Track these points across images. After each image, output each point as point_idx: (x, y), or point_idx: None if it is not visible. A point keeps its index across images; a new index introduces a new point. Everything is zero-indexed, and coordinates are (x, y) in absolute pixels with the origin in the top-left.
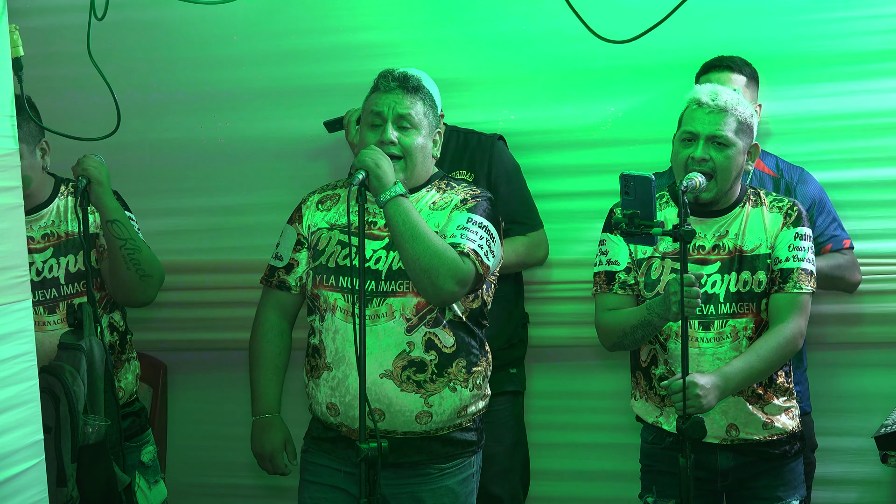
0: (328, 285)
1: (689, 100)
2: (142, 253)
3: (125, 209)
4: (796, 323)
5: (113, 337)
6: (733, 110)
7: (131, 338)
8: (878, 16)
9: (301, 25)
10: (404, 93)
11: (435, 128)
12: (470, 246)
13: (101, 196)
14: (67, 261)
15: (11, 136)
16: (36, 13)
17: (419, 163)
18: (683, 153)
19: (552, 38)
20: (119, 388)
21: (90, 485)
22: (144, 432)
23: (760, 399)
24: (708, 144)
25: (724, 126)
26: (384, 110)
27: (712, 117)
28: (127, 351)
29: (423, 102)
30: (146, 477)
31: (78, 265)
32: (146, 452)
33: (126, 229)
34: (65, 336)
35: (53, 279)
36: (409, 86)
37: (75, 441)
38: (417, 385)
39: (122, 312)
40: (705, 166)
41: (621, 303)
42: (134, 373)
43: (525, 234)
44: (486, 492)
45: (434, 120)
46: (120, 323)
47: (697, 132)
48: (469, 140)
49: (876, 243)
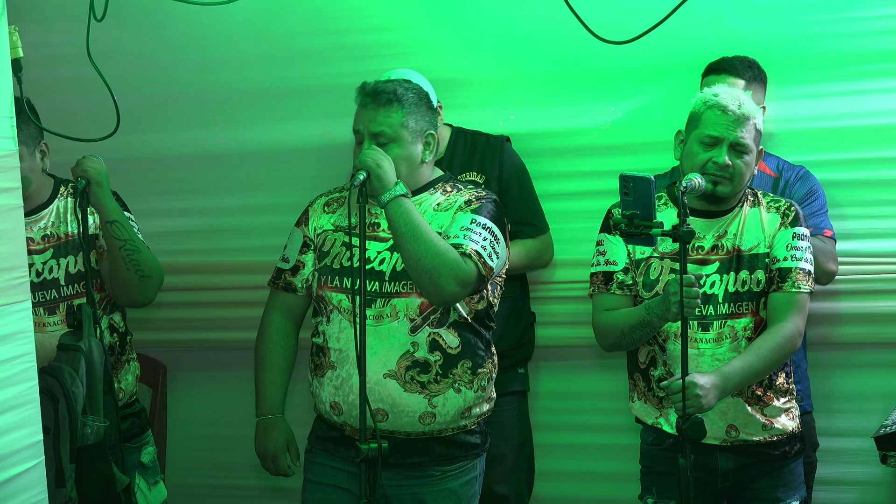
0: (332, 286)
1: (710, 103)
2: (141, 254)
3: (124, 210)
4: (794, 322)
5: (113, 338)
6: (753, 118)
7: (131, 339)
8: (880, 16)
9: (301, 26)
10: (377, 107)
11: (424, 130)
12: (472, 247)
13: (101, 197)
14: (67, 262)
15: (11, 138)
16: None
17: (406, 173)
18: (703, 156)
19: (553, 39)
20: (119, 388)
21: (89, 486)
22: (144, 433)
23: (760, 401)
24: (730, 150)
25: (745, 133)
26: (360, 128)
27: (737, 124)
28: (127, 352)
29: (401, 111)
30: (146, 478)
31: (78, 266)
32: (146, 453)
33: (125, 230)
34: (64, 337)
35: (53, 280)
36: (381, 101)
37: (74, 442)
38: (421, 385)
39: (122, 314)
40: (727, 172)
41: (619, 303)
42: (134, 374)
43: (535, 236)
44: (492, 491)
45: (420, 123)
46: (120, 324)
47: (722, 137)
48: (478, 141)
49: (879, 242)
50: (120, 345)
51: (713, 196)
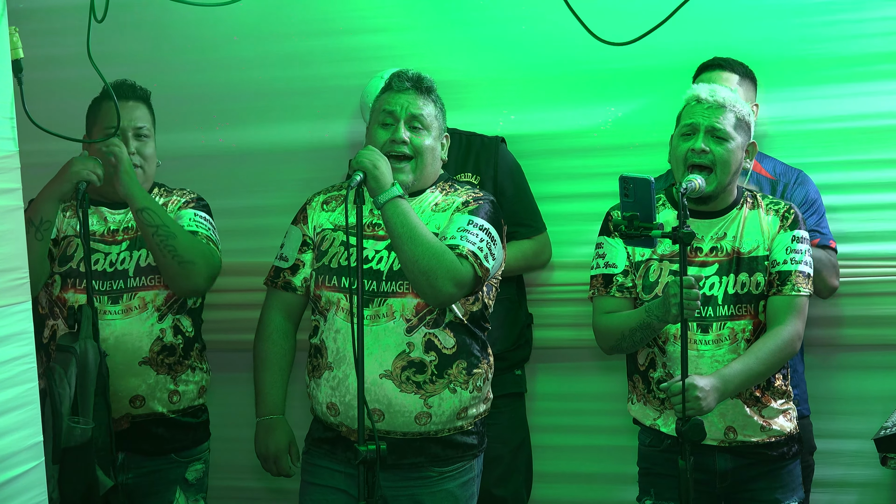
0: (330, 286)
1: (688, 98)
2: (178, 238)
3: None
4: (794, 325)
5: (176, 339)
6: (731, 107)
7: (199, 347)
8: (875, 19)
9: (301, 27)
10: (417, 93)
11: (443, 131)
12: (469, 248)
13: (129, 185)
14: (139, 255)
15: (12, 139)
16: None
17: (429, 164)
18: (683, 146)
19: (552, 40)
20: (175, 391)
21: (70, 487)
22: (197, 447)
23: (758, 402)
24: (707, 137)
25: (723, 120)
26: (396, 109)
27: (711, 111)
28: (192, 359)
29: (435, 105)
30: (187, 494)
31: (149, 260)
32: (192, 470)
33: (157, 216)
34: (62, 338)
35: (123, 271)
36: (423, 87)
37: (57, 442)
38: (417, 386)
39: (192, 319)
40: (705, 158)
41: (619, 306)
42: (197, 384)
43: (531, 237)
44: (490, 493)
45: (443, 123)
46: (188, 329)
47: (697, 124)
48: (472, 142)
49: (877, 245)
50: (184, 348)
51: (702, 195)
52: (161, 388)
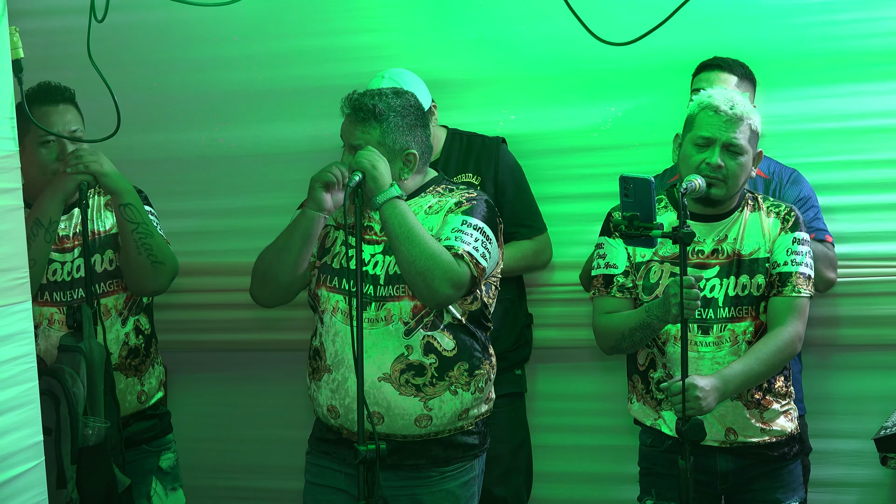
0: (330, 286)
1: (704, 104)
2: (154, 238)
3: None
4: (794, 327)
5: (139, 340)
6: (748, 118)
7: (156, 342)
8: (872, 18)
9: (301, 27)
10: (356, 123)
11: (403, 149)
12: (465, 248)
13: (114, 182)
14: (95, 260)
15: (12, 139)
16: (36, 15)
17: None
18: (697, 157)
19: (552, 40)
20: (142, 391)
21: (90, 487)
22: (165, 437)
23: (759, 405)
24: (723, 151)
25: (739, 134)
26: (342, 138)
27: (729, 125)
28: (152, 355)
29: (379, 129)
30: (163, 483)
31: (104, 265)
32: (165, 458)
33: (139, 213)
34: (64, 338)
35: (80, 279)
36: (359, 117)
37: (75, 443)
38: (416, 388)
39: (149, 316)
40: (719, 173)
41: (619, 306)
42: (158, 378)
43: (531, 237)
44: (490, 493)
45: (399, 141)
46: (146, 326)
47: (714, 138)
48: (473, 143)
49: (874, 245)
50: (145, 347)
51: (708, 198)
52: (131, 391)
